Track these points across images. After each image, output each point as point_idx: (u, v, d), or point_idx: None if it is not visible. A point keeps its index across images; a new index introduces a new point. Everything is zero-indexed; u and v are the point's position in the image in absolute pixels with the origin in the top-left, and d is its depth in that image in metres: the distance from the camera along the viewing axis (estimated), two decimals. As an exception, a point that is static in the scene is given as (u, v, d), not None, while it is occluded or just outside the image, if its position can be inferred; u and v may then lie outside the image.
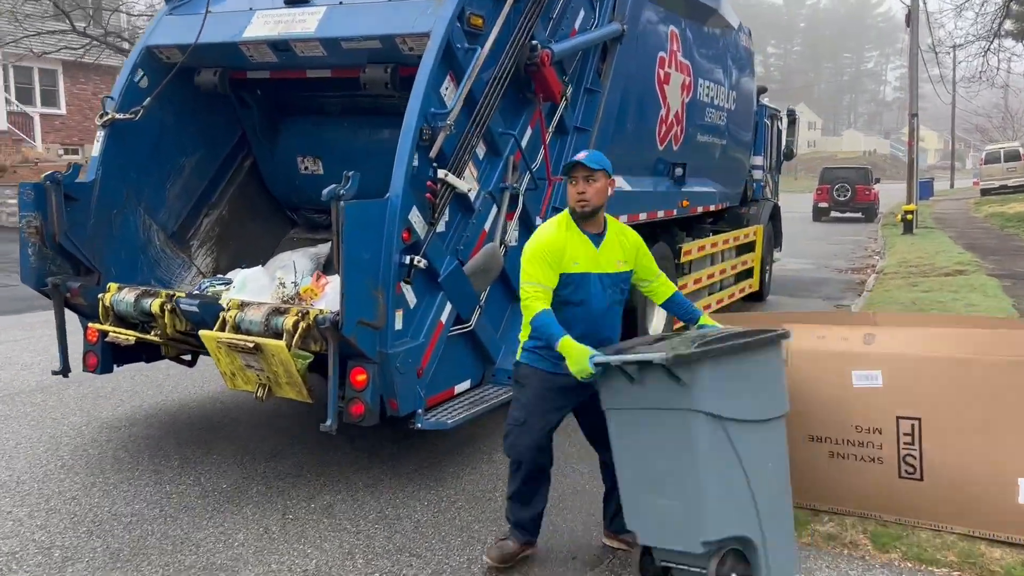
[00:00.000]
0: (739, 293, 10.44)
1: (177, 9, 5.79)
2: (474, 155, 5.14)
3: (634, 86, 7.04)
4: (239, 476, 4.75)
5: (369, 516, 4.28)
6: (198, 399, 6.30)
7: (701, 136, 8.78)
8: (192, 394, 6.41)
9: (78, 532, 4.02)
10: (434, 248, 4.77)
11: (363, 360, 4.48)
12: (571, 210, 3.85)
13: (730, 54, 9.41)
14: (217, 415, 5.95)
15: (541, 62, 5.35)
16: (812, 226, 26.00)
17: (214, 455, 5.08)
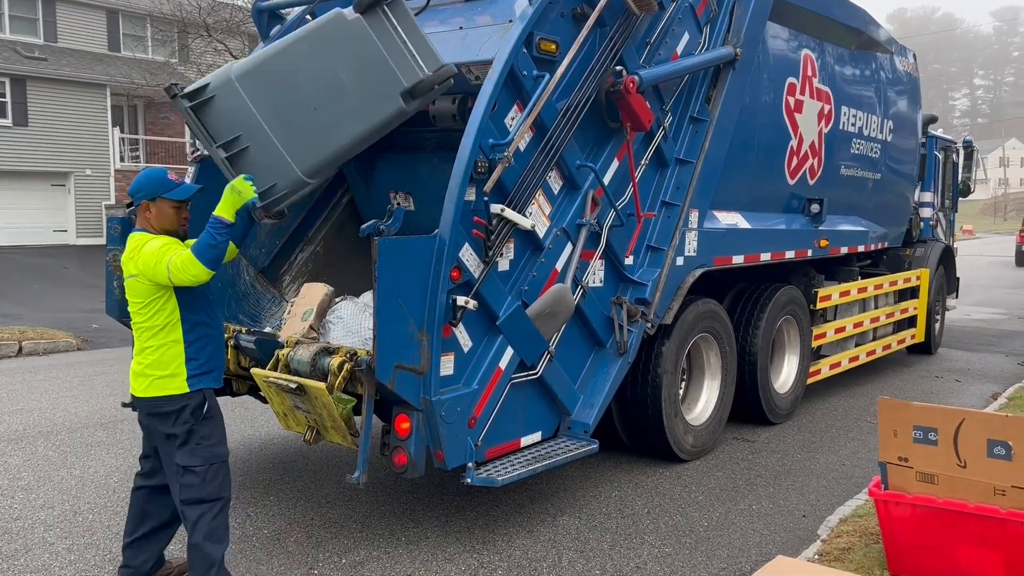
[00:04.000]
0: (898, 344, 9.27)
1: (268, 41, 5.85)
2: (546, 189, 4.78)
3: (754, 115, 6.41)
4: (284, 522, 4.58)
5: (398, 578, 3.95)
6: (284, 435, 6.26)
7: (846, 169, 7.91)
8: (279, 430, 6.39)
9: (105, 570, 3.97)
10: (492, 288, 4.43)
11: (407, 407, 4.18)
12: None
13: (884, 79, 8.46)
14: (295, 453, 5.87)
15: (626, 89, 4.91)
16: (1014, 272, 23.20)
17: (272, 496, 4.96)
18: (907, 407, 3.25)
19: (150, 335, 3.53)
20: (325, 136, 4.25)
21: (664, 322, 5.60)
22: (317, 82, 4.19)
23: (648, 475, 5.45)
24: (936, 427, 3.12)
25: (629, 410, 5.78)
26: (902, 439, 3.21)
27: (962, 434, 3.05)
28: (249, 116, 4.21)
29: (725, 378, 6.31)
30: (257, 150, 4.24)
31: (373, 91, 4.16)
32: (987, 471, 3.05)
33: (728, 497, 5.05)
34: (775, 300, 6.86)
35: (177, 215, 3.65)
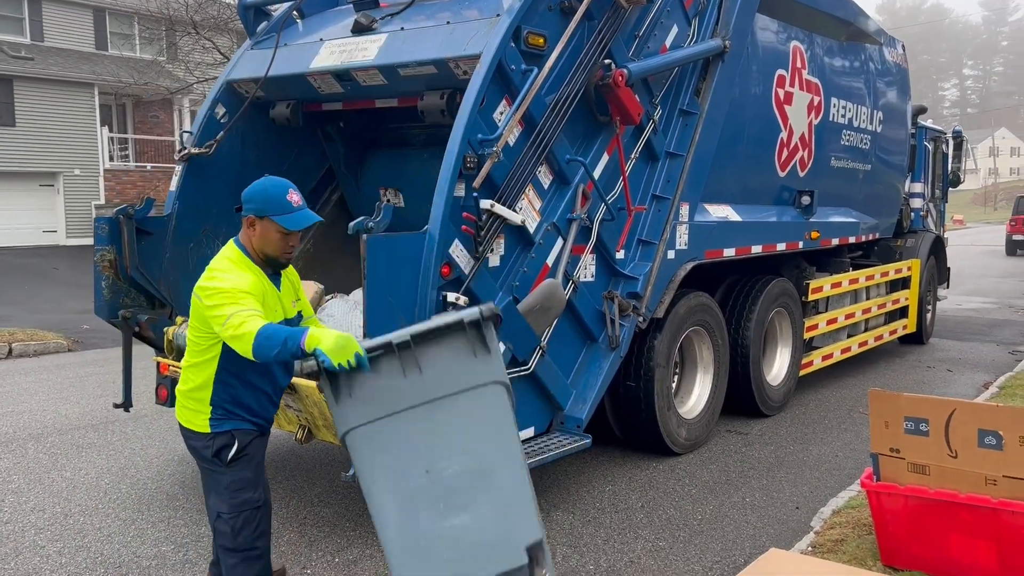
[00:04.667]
0: (890, 335, 9.29)
1: (260, 44, 5.83)
2: (536, 184, 4.76)
3: (743, 107, 6.40)
4: (277, 521, 4.54)
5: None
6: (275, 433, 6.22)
7: (836, 161, 7.91)
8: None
9: (96, 572, 3.94)
10: (482, 284, 4.41)
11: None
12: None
13: (874, 70, 8.46)
14: (287, 452, 5.84)
15: (615, 83, 4.89)
16: (1004, 261, 23.29)
17: (265, 496, 4.93)
18: (898, 398, 3.25)
19: (194, 353, 3.08)
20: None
21: (656, 316, 5.59)
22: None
23: (641, 469, 5.44)
24: (927, 418, 3.12)
25: (622, 404, 5.77)
26: (893, 430, 3.21)
27: (953, 425, 3.05)
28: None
29: (718, 371, 6.31)
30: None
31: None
32: (978, 461, 3.06)
33: (721, 490, 5.05)
34: (767, 292, 6.86)
35: (283, 243, 3.08)
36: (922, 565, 3.36)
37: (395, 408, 2.68)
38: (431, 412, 2.67)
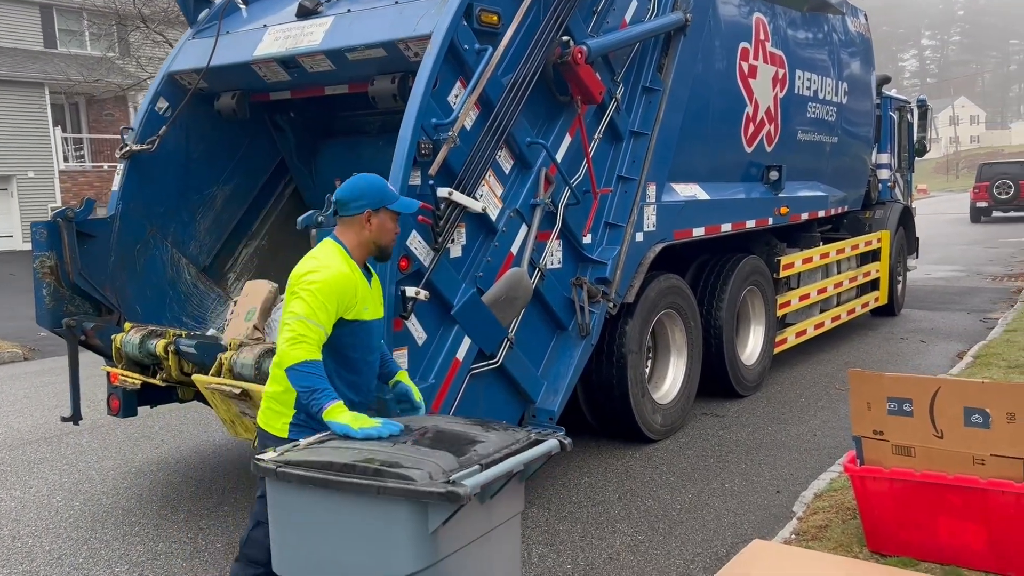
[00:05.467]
0: (862, 308, 9.23)
1: (201, 32, 5.54)
2: (497, 169, 4.57)
3: (707, 82, 6.23)
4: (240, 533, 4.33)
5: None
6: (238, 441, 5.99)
7: (803, 134, 7.78)
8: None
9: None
10: (444, 276, 4.21)
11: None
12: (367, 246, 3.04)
13: (838, 41, 8.33)
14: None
15: (574, 60, 4.70)
16: (969, 228, 23.51)
17: (226, 506, 4.71)
18: (879, 378, 3.11)
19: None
20: None
21: (626, 301, 5.44)
22: None
23: (617, 458, 5.30)
24: (911, 397, 2.99)
25: (595, 392, 5.62)
26: (876, 412, 3.08)
27: (938, 403, 2.92)
28: None
29: (691, 354, 6.18)
30: None
31: None
32: (965, 440, 2.93)
33: (700, 476, 4.92)
34: (738, 271, 6.73)
35: (395, 228, 3.08)
36: (910, 550, 3.23)
37: (466, 540, 2.26)
38: (485, 544, 2.35)
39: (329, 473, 2.14)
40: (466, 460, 2.19)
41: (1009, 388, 2.81)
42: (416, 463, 2.13)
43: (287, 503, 2.26)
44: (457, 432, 2.47)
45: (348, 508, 2.11)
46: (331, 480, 2.12)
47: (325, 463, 2.19)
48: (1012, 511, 2.87)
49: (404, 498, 2.03)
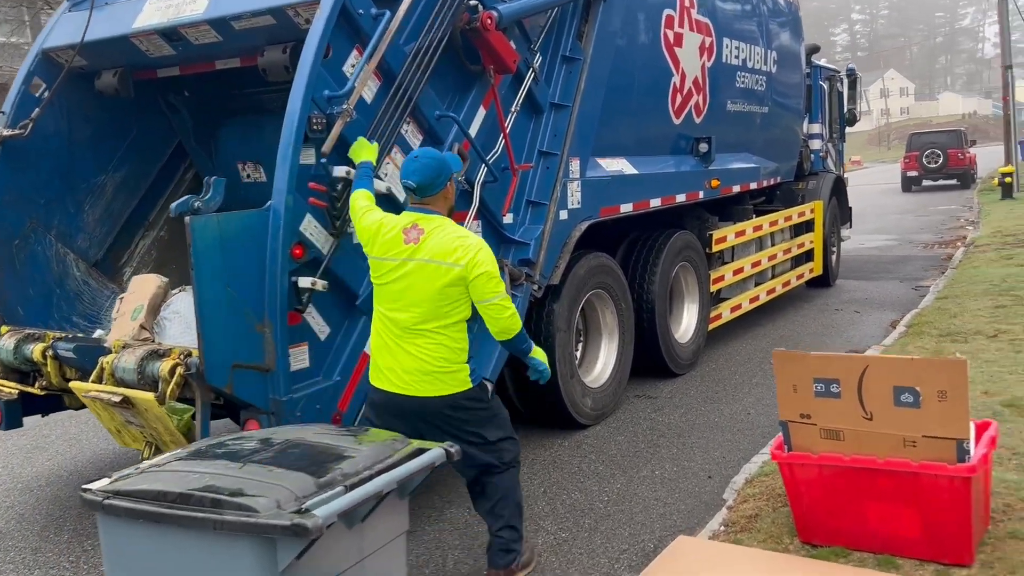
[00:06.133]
0: (797, 280, 9.14)
1: (78, 5, 5.05)
2: (404, 145, 4.23)
3: (632, 51, 5.98)
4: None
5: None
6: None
7: (733, 105, 7.59)
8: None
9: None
10: (346, 263, 3.88)
11: (256, 411, 3.62)
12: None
13: (766, 10, 8.16)
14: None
15: (483, 26, 4.37)
16: (901, 198, 23.90)
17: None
18: (804, 358, 2.90)
19: (438, 319, 3.25)
20: None
21: (552, 282, 5.17)
22: None
23: (545, 447, 5.06)
24: (838, 378, 2.78)
25: (524, 379, 5.34)
26: (802, 394, 2.87)
27: (866, 383, 2.71)
28: None
29: (623, 335, 5.95)
30: None
31: None
32: (895, 422, 2.72)
33: (630, 464, 4.71)
34: (669, 247, 6.52)
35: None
36: (842, 539, 3.04)
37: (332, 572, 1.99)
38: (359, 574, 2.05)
39: (161, 505, 1.81)
40: (327, 481, 1.87)
41: (939, 364, 2.60)
42: (264, 489, 1.81)
43: (118, 540, 1.93)
44: (323, 446, 2.15)
45: (185, 545, 1.78)
46: (163, 514, 1.79)
47: (158, 493, 1.86)
48: (946, 495, 2.69)
49: (246, 533, 1.71)
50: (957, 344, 5.77)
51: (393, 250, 3.28)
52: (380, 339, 3.32)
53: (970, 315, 6.72)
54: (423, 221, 3.29)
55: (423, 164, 3.33)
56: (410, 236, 3.27)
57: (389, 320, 3.28)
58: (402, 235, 3.28)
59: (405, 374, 3.24)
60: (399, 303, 3.26)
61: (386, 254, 3.30)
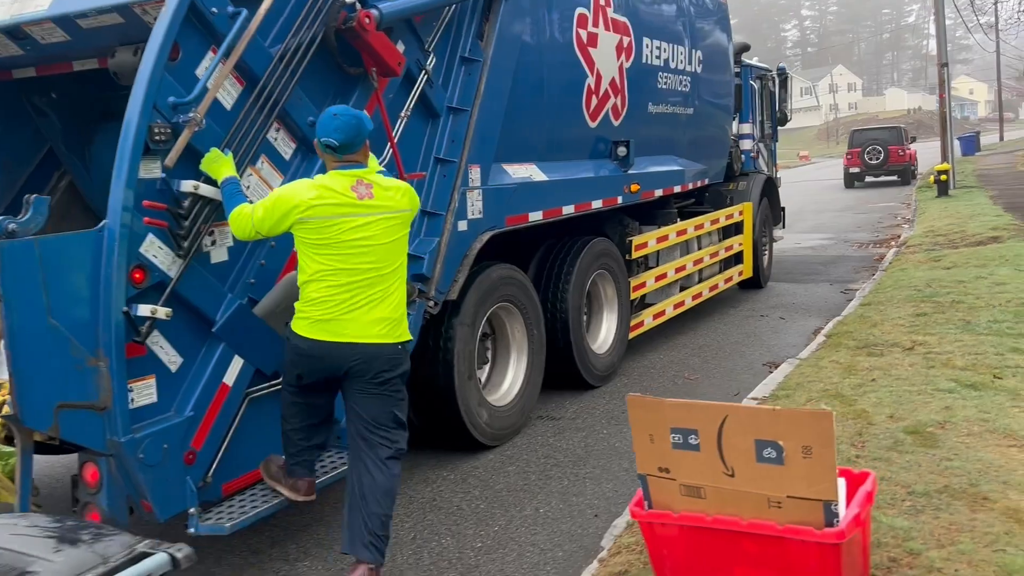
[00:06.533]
0: (725, 283, 8.97)
1: (-77, -1, 4.59)
2: (273, 154, 3.91)
3: (539, 51, 5.69)
4: None
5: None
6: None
7: (655, 106, 7.37)
8: None
9: None
10: (198, 287, 3.54)
11: (93, 454, 3.26)
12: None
13: (689, 7, 7.94)
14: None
15: (361, 27, 4.04)
16: (843, 194, 24.07)
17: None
18: (660, 405, 2.58)
19: (397, 276, 3.54)
20: None
21: (450, 297, 4.87)
22: None
23: (428, 483, 4.67)
24: (696, 428, 2.47)
25: (422, 398, 5.05)
26: (660, 445, 2.56)
27: (726, 435, 2.42)
28: None
29: (532, 350, 5.67)
30: None
31: None
32: (759, 479, 2.42)
33: (514, 500, 4.37)
34: (584, 255, 6.27)
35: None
36: (709, 605, 2.75)
37: None
38: None
39: None
40: None
41: (803, 417, 2.32)
42: None
43: None
44: (6, 557, 1.72)
45: None
46: None
47: None
48: (814, 562, 2.39)
49: None
50: (872, 357, 5.61)
51: (345, 207, 3.37)
52: (332, 293, 3.37)
53: (890, 324, 6.58)
54: (364, 175, 3.45)
55: (344, 122, 3.41)
56: (361, 192, 3.41)
57: (347, 272, 3.37)
58: (352, 192, 3.39)
59: (371, 324, 3.40)
60: (362, 256, 3.39)
61: (336, 213, 3.36)
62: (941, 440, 4.07)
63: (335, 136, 3.38)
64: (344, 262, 3.36)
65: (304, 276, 3.41)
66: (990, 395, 4.66)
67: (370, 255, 3.40)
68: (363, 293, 3.38)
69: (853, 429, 4.32)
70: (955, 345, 5.72)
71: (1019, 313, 6.40)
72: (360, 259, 3.38)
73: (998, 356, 5.37)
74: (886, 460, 3.84)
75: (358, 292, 3.37)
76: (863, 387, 5.03)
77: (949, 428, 4.23)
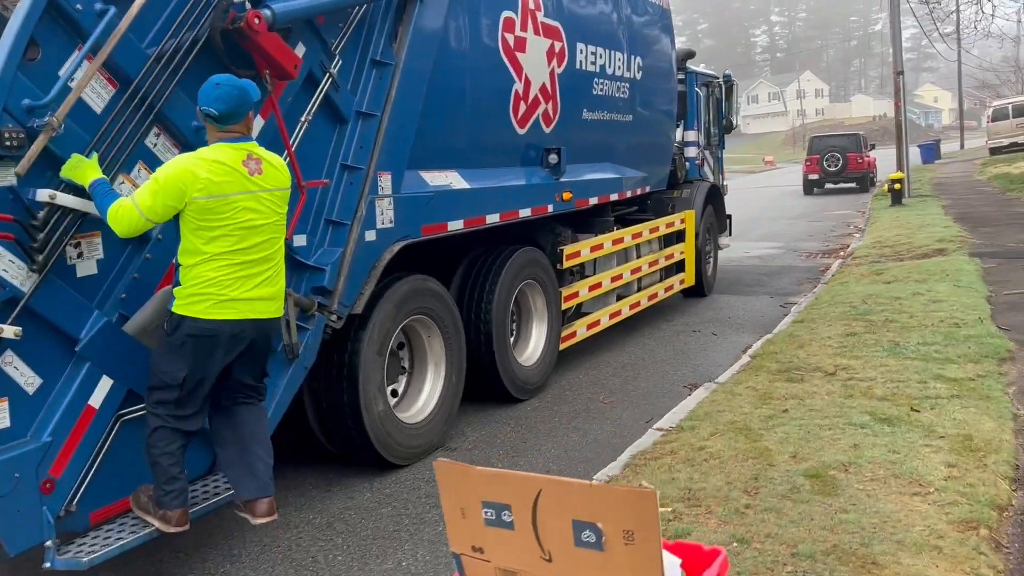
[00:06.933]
0: (665, 292, 8.85)
1: None
2: (152, 161, 3.67)
3: (461, 56, 5.51)
4: None
5: None
6: None
7: (590, 113, 7.22)
8: None
9: None
10: (57, 302, 3.31)
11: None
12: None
13: (628, 12, 7.81)
14: None
15: (250, 27, 3.83)
16: (801, 201, 24.19)
17: None
18: (469, 473, 2.21)
19: (280, 253, 3.61)
20: None
21: (355, 311, 4.67)
22: None
23: (289, 527, 4.21)
24: (509, 503, 2.12)
25: (329, 416, 4.86)
26: (472, 520, 2.21)
27: (541, 512, 2.08)
28: None
29: (451, 364, 5.48)
30: None
31: None
32: (578, 566, 2.05)
33: (379, 550, 3.93)
34: (509, 265, 6.10)
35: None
36: None
37: None
38: None
39: None
40: None
41: (623, 496, 1.95)
42: None
43: None
44: None
45: None
46: None
47: None
48: None
49: None
50: (791, 383, 5.40)
51: (238, 184, 3.36)
52: (229, 272, 3.37)
53: (818, 344, 6.41)
54: (252, 149, 3.46)
55: (226, 91, 3.38)
56: (252, 167, 3.42)
57: (243, 252, 3.38)
58: (243, 167, 3.38)
59: (267, 302, 3.50)
60: (256, 234, 3.41)
61: (230, 191, 3.34)
62: (842, 486, 3.78)
63: (215, 106, 3.36)
64: (240, 241, 3.37)
65: (195, 258, 3.34)
66: (903, 431, 4.39)
67: (262, 233, 3.44)
68: (257, 270, 3.44)
69: (751, 471, 4.02)
70: (879, 371, 5.51)
71: (950, 334, 6.26)
72: (254, 238, 3.41)
73: (920, 384, 5.16)
74: (777, 511, 3.56)
75: (253, 269, 3.42)
76: (773, 419, 4.74)
77: (853, 471, 3.94)
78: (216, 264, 3.35)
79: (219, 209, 3.33)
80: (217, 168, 3.33)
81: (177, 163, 3.37)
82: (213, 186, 3.31)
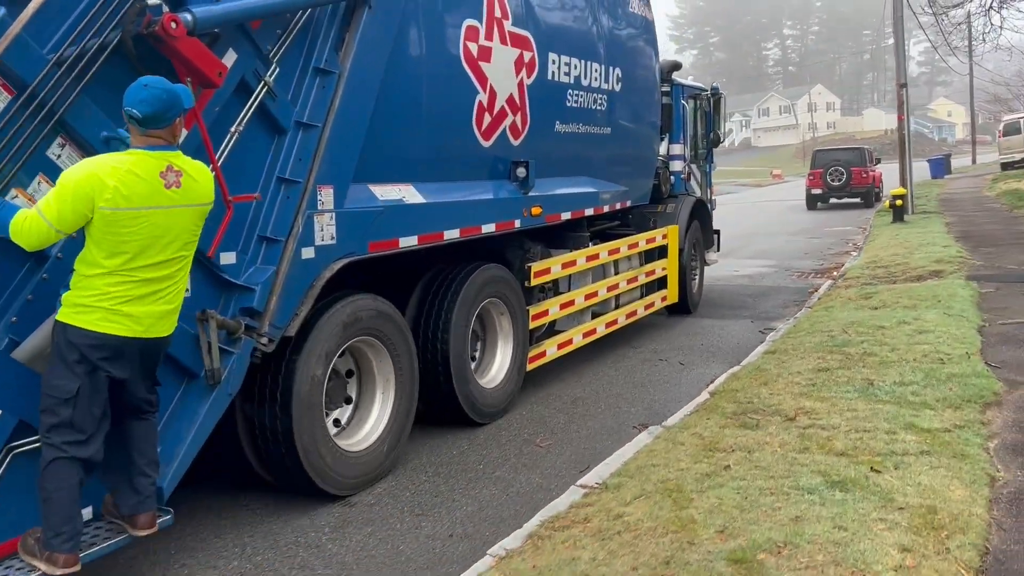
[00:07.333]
0: (646, 310, 8.56)
1: None
2: (54, 172, 3.41)
3: (415, 65, 5.28)
4: None
5: None
6: None
7: (563, 126, 6.98)
8: None
9: None
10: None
11: None
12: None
13: (607, 22, 7.56)
14: None
15: (166, 32, 3.58)
16: (803, 216, 23.83)
17: None
18: None
19: (185, 267, 3.48)
20: None
21: (288, 334, 4.41)
22: None
23: (216, 567, 3.95)
24: None
25: (262, 444, 4.59)
26: None
27: None
28: None
29: (401, 388, 5.20)
30: None
31: None
32: None
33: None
34: (470, 283, 5.83)
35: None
36: None
37: None
38: None
39: None
40: None
41: None
42: None
43: None
44: None
45: None
46: None
47: None
48: None
49: None
50: (744, 430, 4.84)
51: (151, 198, 3.22)
52: (127, 288, 3.22)
53: (784, 381, 5.82)
54: (174, 160, 3.31)
55: (154, 94, 3.24)
56: (169, 180, 3.27)
57: (147, 269, 3.25)
58: (160, 179, 3.24)
59: (162, 318, 3.36)
60: (163, 250, 3.28)
61: (140, 205, 3.19)
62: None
63: (139, 108, 3.22)
64: (143, 257, 3.24)
65: (93, 270, 3.19)
66: (856, 499, 3.78)
67: (169, 250, 3.31)
68: (157, 287, 3.31)
69: (665, 552, 3.40)
70: (844, 416, 4.95)
71: (931, 372, 5.80)
72: (159, 255, 3.28)
73: (888, 436, 4.58)
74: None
75: (153, 287, 3.29)
76: (710, 479, 4.15)
77: (786, 555, 3.30)
78: (114, 279, 3.20)
79: (125, 222, 3.17)
80: (128, 179, 3.17)
81: (83, 167, 3.19)
82: (120, 198, 3.15)
